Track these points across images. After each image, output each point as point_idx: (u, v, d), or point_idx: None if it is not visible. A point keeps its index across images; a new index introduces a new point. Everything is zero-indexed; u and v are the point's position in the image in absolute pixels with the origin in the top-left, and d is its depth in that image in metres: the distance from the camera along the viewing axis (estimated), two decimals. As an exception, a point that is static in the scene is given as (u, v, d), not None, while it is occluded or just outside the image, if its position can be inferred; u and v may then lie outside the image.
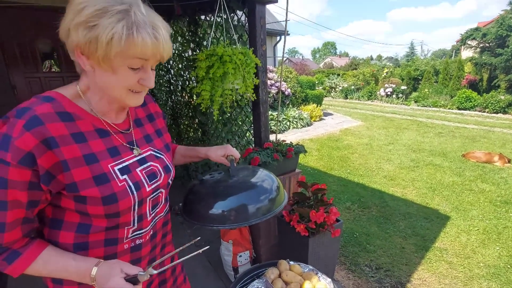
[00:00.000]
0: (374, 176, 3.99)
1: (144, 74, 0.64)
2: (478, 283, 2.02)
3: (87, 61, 0.60)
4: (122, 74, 0.61)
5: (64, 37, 0.61)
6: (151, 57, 0.62)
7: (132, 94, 0.66)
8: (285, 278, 1.17)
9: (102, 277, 0.65)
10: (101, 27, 0.55)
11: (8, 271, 0.60)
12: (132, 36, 0.57)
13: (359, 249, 2.40)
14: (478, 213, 2.97)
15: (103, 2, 0.56)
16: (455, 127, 7.04)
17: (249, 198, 0.86)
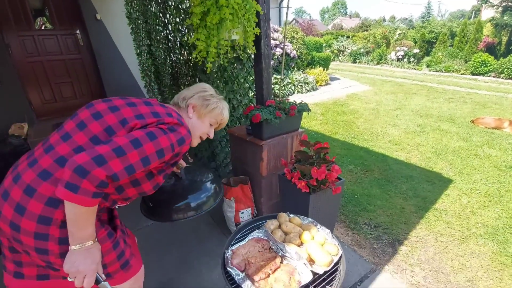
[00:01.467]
0: (378, 140, 3.94)
1: (211, 130, 1.19)
2: (474, 242, 2.06)
3: (193, 112, 1.11)
4: (205, 125, 1.14)
5: (187, 98, 1.12)
6: (221, 123, 1.20)
7: (198, 139, 1.16)
8: (284, 228, 1.18)
9: (88, 252, 0.85)
10: (211, 102, 1.13)
11: (82, 201, 0.76)
12: (222, 112, 1.17)
13: (359, 209, 2.44)
14: (481, 177, 2.95)
15: (212, 91, 1.18)
16: (466, 93, 6.78)
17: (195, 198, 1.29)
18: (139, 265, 1.14)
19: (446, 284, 1.74)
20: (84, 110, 0.95)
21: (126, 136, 0.83)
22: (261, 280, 0.98)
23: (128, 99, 1.00)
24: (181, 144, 0.94)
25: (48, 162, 0.85)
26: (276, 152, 1.93)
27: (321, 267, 1.04)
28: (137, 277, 1.12)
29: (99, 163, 0.76)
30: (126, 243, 1.07)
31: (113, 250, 0.98)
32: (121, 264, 1.02)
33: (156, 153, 0.86)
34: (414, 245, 2.05)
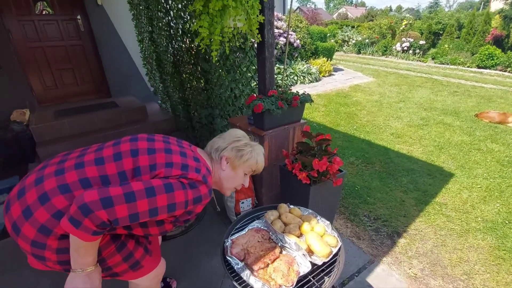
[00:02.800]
0: (381, 133, 3.91)
1: (247, 179, 1.16)
2: (473, 236, 2.07)
3: (226, 164, 1.08)
4: (239, 176, 1.11)
5: (220, 149, 1.09)
6: (256, 169, 1.15)
7: (231, 190, 1.15)
8: (284, 219, 1.18)
9: (88, 277, 0.87)
10: (245, 152, 1.08)
11: (82, 237, 0.77)
12: (257, 160, 1.11)
13: (359, 201, 2.45)
14: (483, 171, 2.94)
15: (246, 139, 1.14)
16: (471, 86, 6.68)
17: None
18: (154, 263, 1.15)
19: (443, 276, 1.76)
20: (127, 142, 0.96)
21: (144, 183, 0.82)
22: (260, 270, 0.99)
23: (169, 144, 0.99)
24: (197, 203, 0.90)
25: (73, 179, 0.86)
26: (277, 143, 1.92)
27: (320, 258, 1.04)
28: (154, 273, 1.14)
29: (105, 206, 0.75)
30: (139, 242, 1.07)
31: (117, 253, 0.99)
32: (130, 265, 1.03)
33: (168, 206, 0.84)
34: (413, 238, 2.06)
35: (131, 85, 4.53)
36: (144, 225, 0.95)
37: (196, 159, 0.97)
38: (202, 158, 1.02)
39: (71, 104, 4.01)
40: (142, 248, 1.06)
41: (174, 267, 1.84)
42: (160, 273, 1.20)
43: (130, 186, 0.80)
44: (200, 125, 2.99)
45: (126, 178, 0.88)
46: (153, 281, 1.18)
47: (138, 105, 3.84)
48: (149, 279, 1.14)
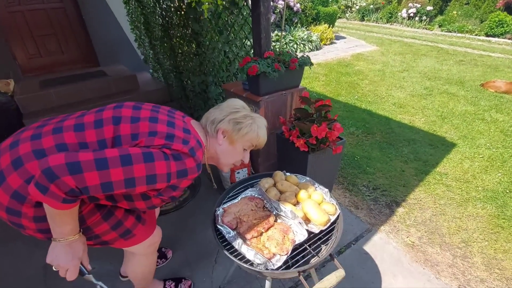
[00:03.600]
0: (383, 103, 3.77)
1: (246, 154, 1.03)
2: (473, 205, 2.04)
3: (223, 138, 0.96)
4: (237, 151, 0.99)
5: (216, 122, 0.96)
6: (257, 144, 1.02)
7: (231, 166, 1.03)
8: (280, 187, 1.10)
9: (69, 247, 0.81)
10: (244, 125, 0.96)
11: (52, 204, 0.69)
12: (257, 133, 0.99)
13: (358, 171, 2.39)
14: (486, 141, 2.86)
15: (246, 111, 1.01)
16: (478, 55, 6.40)
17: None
18: (148, 232, 1.09)
19: (441, 244, 1.74)
20: (111, 109, 0.86)
21: (119, 150, 0.73)
22: (253, 239, 0.93)
23: (156, 113, 0.87)
24: (181, 177, 0.80)
25: (50, 144, 0.79)
26: (274, 110, 1.80)
27: (317, 226, 0.98)
28: (149, 242, 1.09)
29: (72, 171, 0.66)
30: (129, 211, 1.00)
31: (104, 221, 0.92)
32: (120, 234, 0.97)
33: (147, 177, 0.74)
34: (412, 207, 2.03)
35: (120, 53, 4.28)
36: (129, 198, 0.88)
37: (186, 131, 0.87)
38: (194, 130, 0.92)
39: (57, 74, 3.80)
40: (133, 217, 1.00)
41: (170, 237, 1.82)
42: (156, 242, 1.15)
43: (103, 152, 0.71)
44: (193, 94, 2.85)
45: (106, 147, 0.80)
46: (149, 249, 1.13)
47: (128, 74, 3.64)
48: (144, 247, 1.09)
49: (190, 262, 1.66)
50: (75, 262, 0.82)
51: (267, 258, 0.86)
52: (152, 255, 1.17)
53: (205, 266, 1.63)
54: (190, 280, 1.52)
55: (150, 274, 1.28)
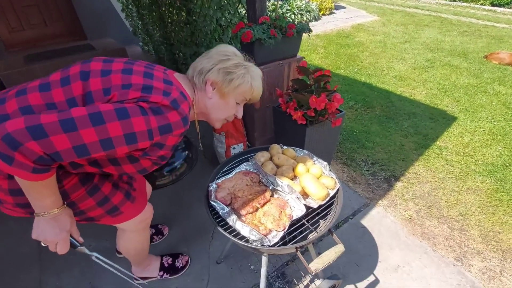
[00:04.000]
0: (383, 76, 3.65)
1: (240, 109, 0.93)
2: (472, 178, 2.01)
3: (213, 91, 0.86)
4: (230, 105, 0.89)
5: (204, 72, 0.85)
6: (252, 97, 0.93)
7: (223, 121, 0.93)
8: (276, 161, 1.04)
9: (54, 220, 0.75)
10: (236, 75, 0.85)
11: (22, 175, 0.62)
12: (251, 86, 0.89)
13: (357, 146, 2.33)
14: (487, 115, 2.79)
15: (238, 59, 0.88)
16: (483, 26, 6.16)
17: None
18: (137, 210, 1.03)
19: (439, 218, 1.73)
20: (78, 64, 0.75)
21: (88, 108, 0.63)
22: (248, 214, 0.88)
23: (130, 65, 0.76)
24: (165, 133, 0.70)
25: (13, 108, 0.69)
26: (270, 81, 1.70)
27: (315, 201, 0.93)
28: (139, 219, 1.04)
29: (36, 136, 0.57)
30: (117, 187, 0.94)
31: (89, 197, 0.86)
32: (107, 211, 0.92)
33: (125, 137, 0.65)
34: (410, 181, 2.00)
35: (107, 25, 4.03)
36: (114, 162, 0.80)
37: (168, 82, 0.76)
38: (177, 82, 0.80)
39: (43, 48, 3.59)
40: (121, 194, 0.94)
41: (166, 213, 1.79)
42: (146, 218, 1.11)
43: (69, 112, 0.62)
44: (185, 67, 2.70)
45: (77, 106, 0.71)
46: (139, 226, 1.09)
47: (117, 47, 3.44)
48: (134, 224, 1.05)
49: (187, 238, 1.65)
50: (63, 236, 0.77)
51: (263, 235, 0.81)
52: (143, 232, 1.14)
53: (202, 241, 1.62)
54: (187, 255, 1.51)
55: (144, 250, 1.25)
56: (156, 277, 1.42)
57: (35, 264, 1.54)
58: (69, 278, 1.47)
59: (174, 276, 1.44)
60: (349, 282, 1.41)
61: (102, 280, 1.45)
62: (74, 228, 0.80)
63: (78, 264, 1.53)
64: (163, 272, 1.42)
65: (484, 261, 1.49)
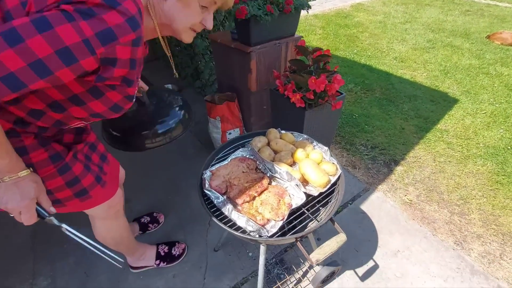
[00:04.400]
0: (383, 57, 3.54)
1: (208, 15, 0.72)
2: (473, 162, 1.98)
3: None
4: (193, 10, 0.69)
5: None
6: (220, 2, 0.71)
7: (190, 32, 0.73)
8: (274, 146, 0.98)
9: (16, 187, 0.66)
10: None
11: None
12: None
13: (357, 130, 2.28)
14: (489, 97, 2.73)
15: None
16: (485, 5, 5.98)
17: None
18: (108, 195, 0.96)
19: (439, 202, 1.70)
20: None
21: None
22: (245, 204, 0.83)
23: None
24: (108, 41, 0.54)
25: None
26: (267, 62, 1.61)
27: (316, 188, 0.88)
28: (108, 204, 0.97)
29: None
30: (89, 169, 0.87)
31: (58, 175, 0.78)
32: (75, 193, 0.84)
33: (57, 54, 0.51)
34: (411, 165, 1.96)
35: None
36: (76, 100, 0.68)
37: None
38: None
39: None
40: (92, 176, 0.87)
41: (162, 201, 1.75)
42: (116, 205, 1.02)
43: None
44: (178, 49, 2.58)
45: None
46: (109, 213, 1.02)
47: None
48: (103, 210, 0.97)
49: (184, 226, 1.61)
50: (25, 204, 0.68)
51: (261, 225, 0.77)
52: (116, 219, 1.06)
53: (199, 229, 1.59)
54: (184, 243, 1.48)
55: (125, 239, 1.17)
56: (152, 266, 1.39)
57: (29, 254, 1.51)
58: (63, 268, 1.44)
59: (171, 264, 1.41)
60: (348, 268, 1.39)
61: (98, 269, 1.42)
62: (42, 197, 0.72)
63: (73, 253, 1.50)
64: (159, 260, 1.39)
65: (484, 245, 1.48)
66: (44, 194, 0.72)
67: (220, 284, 1.34)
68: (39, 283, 1.39)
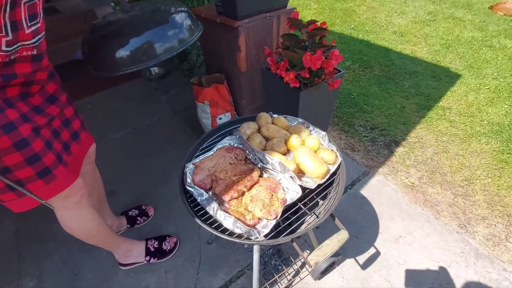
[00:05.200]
0: (382, 32, 3.35)
1: None
2: (477, 140, 1.89)
3: None
4: None
5: None
6: None
7: None
8: (265, 133, 0.86)
9: None
10: None
11: None
12: None
13: (355, 110, 2.16)
14: (493, 71, 2.60)
15: None
16: (488, -27, 5.68)
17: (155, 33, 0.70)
18: (71, 178, 0.84)
19: (442, 183, 1.63)
20: None
21: None
22: (233, 200, 0.73)
23: None
24: None
25: None
26: (257, 39, 1.46)
27: (313, 179, 0.78)
28: (64, 194, 0.84)
29: None
30: (50, 146, 0.75)
31: (15, 150, 0.67)
32: (38, 172, 0.72)
33: None
34: (412, 146, 1.87)
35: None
36: None
37: None
38: None
39: None
40: (53, 155, 0.75)
41: (151, 192, 1.65)
42: (75, 193, 0.90)
43: None
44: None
45: None
46: (68, 202, 0.89)
47: (85, 10, 3.04)
48: (60, 198, 0.85)
49: (175, 218, 1.53)
50: None
51: (251, 226, 0.67)
52: (77, 209, 0.94)
53: (192, 221, 1.50)
54: (175, 237, 1.40)
55: (94, 230, 1.06)
56: (142, 262, 1.32)
57: (12, 254, 1.42)
58: (49, 267, 1.36)
59: (163, 260, 1.34)
60: (348, 256, 1.33)
61: (85, 267, 1.35)
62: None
63: (59, 251, 1.42)
64: (149, 256, 1.31)
65: (489, 227, 1.42)
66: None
67: (215, 278, 1.28)
68: (25, 283, 1.32)
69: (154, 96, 2.45)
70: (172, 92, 2.45)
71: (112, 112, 2.29)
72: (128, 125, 2.14)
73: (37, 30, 0.67)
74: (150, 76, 2.63)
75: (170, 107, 2.29)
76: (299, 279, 1.25)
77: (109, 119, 2.21)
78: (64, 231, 0.99)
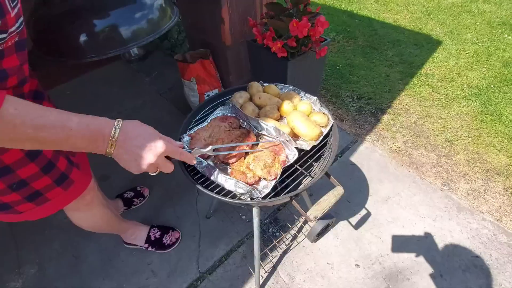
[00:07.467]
0: (364, 1, 3.32)
1: None
2: (457, 103, 1.97)
3: None
4: None
5: None
6: None
7: None
8: (257, 101, 0.87)
9: (123, 148, 0.52)
10: None
11: None
12: None
13: (341, 81, 2.18)
14: (472, 36, 2.66)
15: None
16: None
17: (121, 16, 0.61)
18: (87, 178, 0.85)
19: (426, 146, 1.71)
20: None
21: None
22: (235, 163, 0.74)
23: None
24: None
25: None
26: (241, 10, 1.42)
27: (308, 142, 0.80)
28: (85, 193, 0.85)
29: None
30: (58, 151, 0.72)
31: (29, 161, 0.64)
32: (55, 179, 0.71)
33: None
34: (397, 112, 1.93)
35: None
36: None
37: None
38: None
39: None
40: (64, 159, 0.73)
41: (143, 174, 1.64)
42: (86, 195, 0.88)
43: None
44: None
45: None
46: (79, 204, 0.88)
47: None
48: (74, 202, 0.84)
49: (172, 197, 1.54)
50: (146, 167, 0.58)
51: (251, 184, 0.69)
52: (88, 210, 0.94)
53: (188, 198, 1.53)
54: (179, 232, 1.37)
55: (103, 226, 1.09)
56: (141, 247, 1.33)
57: (10, 242, 1.41)
58: (49, 253, 1.36)
59: (159, 252, 1.33)
60: (342, 219, 1.40)
61: (87, 250, 1.36)
62: (170, 148, 0.59)
63: (57, 237, 1.41)
64: (148, 244, 1.32)
65: (469, 183, 1.51)
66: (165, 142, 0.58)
67: (216, 249, 1.32)
68: (26, 271, 1.32)
69: (136, 78, 2.36)
70: (154, 73, 2.37)
71: (93, 97, 2.20)
72: (111, 110, 2.07)
73: (19, 12, 0.58)
74: (130, 58, 2.52)
75: (154, 88, 2.23)
76: (297, 243, 1.32)
77: (91, 105, 2.13)
78: (59, 218, 0.98)
